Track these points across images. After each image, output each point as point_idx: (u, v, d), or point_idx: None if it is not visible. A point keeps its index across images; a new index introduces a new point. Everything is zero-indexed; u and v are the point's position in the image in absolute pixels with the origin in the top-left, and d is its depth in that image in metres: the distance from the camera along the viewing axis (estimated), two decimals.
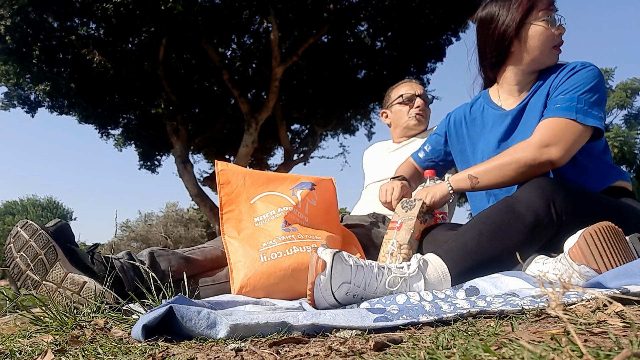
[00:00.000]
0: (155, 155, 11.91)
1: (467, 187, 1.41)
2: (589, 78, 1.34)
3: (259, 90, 10.43)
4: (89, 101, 9.54)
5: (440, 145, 1.76)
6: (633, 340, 0.48)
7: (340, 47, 9.88)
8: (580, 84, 1.34)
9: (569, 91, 1.34)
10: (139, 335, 0.77)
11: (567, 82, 1.36)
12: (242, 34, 9.83)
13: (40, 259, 1.22)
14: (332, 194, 1.64)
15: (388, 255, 1.38)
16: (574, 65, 1.39)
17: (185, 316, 0.78)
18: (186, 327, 0.78)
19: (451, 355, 0.52)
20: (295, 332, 0.79)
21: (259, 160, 12.31)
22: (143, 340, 0.77)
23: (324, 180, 1.64)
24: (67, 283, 1.22)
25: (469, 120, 1.64)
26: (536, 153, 1.29)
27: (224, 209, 1.49)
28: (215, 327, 0.78)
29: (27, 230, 1.25)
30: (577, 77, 1.36)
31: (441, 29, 9.63)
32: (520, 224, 1.13)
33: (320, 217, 1.54)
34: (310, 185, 1.57)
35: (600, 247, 1.01)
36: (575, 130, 1.29)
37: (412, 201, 1.46)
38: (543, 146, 1.29)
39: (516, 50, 1.44)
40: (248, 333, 0.78)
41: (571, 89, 1.34)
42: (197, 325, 0.78)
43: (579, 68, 1.37)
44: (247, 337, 0.78)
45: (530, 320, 0.75)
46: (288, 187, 1.56)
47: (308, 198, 1.54)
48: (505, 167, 1.32)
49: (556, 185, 1.16)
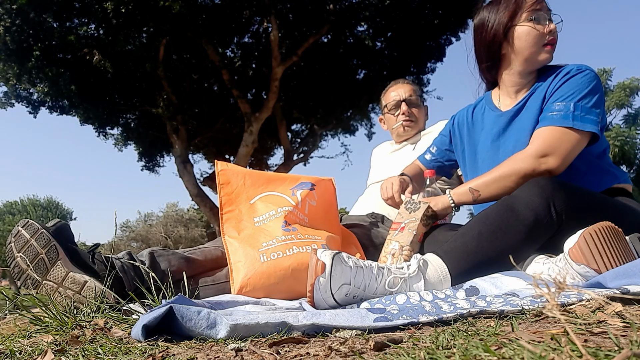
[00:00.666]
0: (155, 155, 11.91)
1: (469, 200, 1.42)
2: (584, 83, 1.35)
3: (259, 90, 10.43)
4: (89, 101, 9.54)
5: (445, 145, 1.79)
6: (633, 340, 0.48)
7: (340, 47, 9.88)
8: (575, 90, 1.34)
9: (564, 98, 1.35)
10: (139, 335, 0.77)
11: (563, 88, 1.36)
12: (242, 34, 9.83)
13: (41, 258, 1.22)
14: (332, 195, 1.64)
15: (389, 256, 1.38)
16: (569, 69, 1.39)
17: (185, 316, 0.78)
18: (186, 327, 0.78)
19: (451, 355, 0.52)
20: (295, 332, 0.79)
21: (259, 160, 12.32)
22: (143, 340, 0.77)
23: (324, 180, 1.64)
24: (67, 282, 1.22)
25: (471, 122, 1.66)
26: (534, 164, 1.31)
27: (224, 209, 1.49)
28: (215, 327, 0.78)
29: (28, 229, 1.25)
30: (573, 82, 1.36)
31: (441, 29, 9.63)
32: (520, 223, 1.14)
33: (320, 217, 1.54)
34: (310, 186, 1.57)
35: (600, 247, 1.01)
36: (571, 138, 1.31)
37: (417, 203, 1.47)
38: (540, 156, 1.31)
39: (507, 52, 1.47)
40: (248, 333, 0.78)
41: (567, 95, 1.35)
42: (197, 325, 0.78)
43: (574, 73, 1.37)
44: (247, 337, 0.78)
45: (530, 320, 0.75)
46: (288, 187, 1.56)
47: (308, 198, 1.54)
48: (505, 178, 1.34)
49: (556, 185, 1.16)
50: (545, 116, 1.36)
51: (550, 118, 1.34)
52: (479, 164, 1.59)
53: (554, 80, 1.40)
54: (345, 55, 9.98)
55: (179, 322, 0.79)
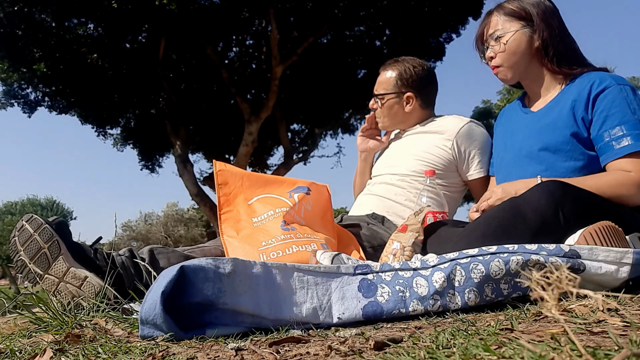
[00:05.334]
0: (155, 154, 11.91)
1: None
2: (627, 98, 1.34)
3: (258, 90, 10.43)
4: (88, 101, 9.54)
5: None
6: (633, 340, 0.48)
7: (339, 47, 9.88)
8: (626, 108, 1.32)
9: (623, 121, 1.32)
10: (156, 305, 0.76)
11: (611, 109, 1.33)
12: (242, 33, 9.83)
13: (43, 252, 1.24)
14: (326, 200, 1.64)
15: (390, 256, 1.38)
16: (599, 85, 1.37)
17: (196, 269, 0.81)
18: (199, 279, 0.80)
19: (451, 355, 0.52)
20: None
21: (259, 160, 12.32)
22: (161, 312, 0.76)
23: (319, 186, 1.64)
24: (68, 277, 1.24)
25: (504, 121, 1.70)
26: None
27: (223, 209, 1.49)
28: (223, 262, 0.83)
29: (32, 224, 1.27)
30: (616, 100, 1.34)
31: (441, 27, 9.63)
32: (526, 226, 1.12)
33: (316, 222, 1.55)
34: (306, 190, 1.58)
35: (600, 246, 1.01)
36: None
37: (421, 205, 1.47)
38: None
39: None
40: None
41: (621, 115, 1.32)
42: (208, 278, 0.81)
43: (609, 89, 1.35)
44: (248, 336, 0.78)
45: (530, 320, 0.75)
46: (285, 190, 1.56)
47: (304, 202, 1.55)
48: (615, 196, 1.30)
49: (566, 190, 1.15)
50: (620, 147, 1.33)
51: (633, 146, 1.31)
52: (504, 162, 1.61)
53: (583, 91, 1.39)
54: (344, 54, 9.98)
55: (190, 282, 0.80)
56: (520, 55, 1.49)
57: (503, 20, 1.50)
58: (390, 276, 0.90)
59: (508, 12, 1.49)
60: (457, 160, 1.82)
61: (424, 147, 1.87)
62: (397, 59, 1.99)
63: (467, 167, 1.83)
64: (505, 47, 1.48)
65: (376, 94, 1.98)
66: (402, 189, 1.84)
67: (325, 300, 0.87)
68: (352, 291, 0.88)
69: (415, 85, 1.92)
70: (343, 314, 0.86)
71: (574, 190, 1.17)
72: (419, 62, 1.97)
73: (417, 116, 1.96)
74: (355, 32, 9.93)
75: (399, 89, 1.93)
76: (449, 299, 0.89)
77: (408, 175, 1.85)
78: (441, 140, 1.84)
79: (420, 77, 1.93)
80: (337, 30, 9.61)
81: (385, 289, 0.89)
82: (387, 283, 0.90)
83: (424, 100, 1.95)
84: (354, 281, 0.89)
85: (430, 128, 1.92)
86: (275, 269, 0.88)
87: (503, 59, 1.50)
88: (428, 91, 1.96)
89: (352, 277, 0.90)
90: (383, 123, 2.01)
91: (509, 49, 1.48)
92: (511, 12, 1.49)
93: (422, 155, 1.85)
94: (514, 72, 1.52)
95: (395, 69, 1.95)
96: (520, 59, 1.49)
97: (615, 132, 1.32)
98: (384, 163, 2.01)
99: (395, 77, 1.93)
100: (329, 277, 0.89)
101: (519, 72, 1.53)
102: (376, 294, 0.88)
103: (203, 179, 11.59)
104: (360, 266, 0.92)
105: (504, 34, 1.48)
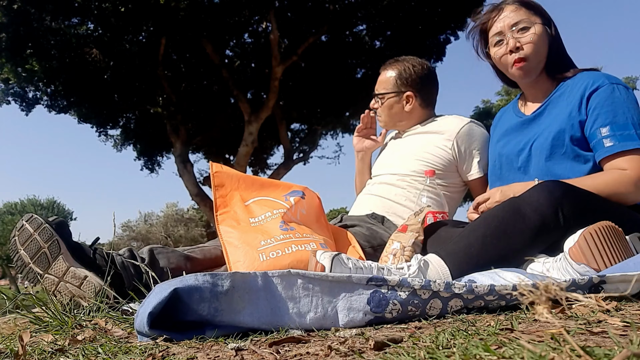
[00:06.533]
0: (155, 154, 11.91)
1: None
2: (620, 97, 1.34)
3: (258, 89, 10.42)
4: (88, 100, 9.54)
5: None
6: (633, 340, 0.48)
7: (339, 47, 9.87)
8: (617, 108, 1.33)
9: (613, 121, 1.32)
10: (144, 324, 0.76)
11: (603, 107, 1.34)
12: (242, 33, 9.82)
13: (43, 252, 1.24)
14: (318, 207, 1.64)
15: (391, 256, 1.38)
16: (593, 85, 1.37)
17: (191, 288, 0.79)
18: (194, 300, 0.79)
19: (451, 355, 0.52)
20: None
21: (259, 160, 12.32)
22: (148, 329, 0.76)
23: (311, 192, 1.65)
24: (68, 277, 1.24)
25: (499, 124, 1.71)
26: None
27: (219, 210, 1.49)
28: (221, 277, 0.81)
29: (32, 223, 1.27)
30: (609, 99, 1.34)
31: (440, 27, 9.62)
32: (526, 226, 1.12)
33: (312, 225, 1.55)
34: (301, 194, 1.58)
35: (600, 246, 1.01)
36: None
37: (422, 205, 1.47)
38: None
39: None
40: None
41: (612, 114, 1.33)
42: (203, 292, 0.79)
43: (602, 88, 1.35)
44: (248, 336, 0.78)
45: (530, 320, 0.75)
46: (281, 194, 1.57)
47: (299, 205, 1.55)
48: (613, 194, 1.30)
49: (565, 189, 1.15)
50: (614, 144, 1.33)
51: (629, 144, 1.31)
52: (500, 166, 1.61)
53: (578, 92, 1.39)
54: (344, 54, 9.97)
55: (184, 303, 0.79)
56: (545, 49, 1.45)
57: (525, 12, 1.45)
58: (407, 294, 0.85)
59: (528, 5, 1.45)
60: (457, 160, 1.82)
61: (424, 147, 1.87)
62: (398, 58, 1.99)
63: (467, 167, 1.83)
64: (535, 37, 1.42)
65: (376, 93, 1.98)
66: (402, 189, 1.84)
67: (330, 309, 0.85)
68: (360, 303, 0.85)
69: (414, 84, 1.92)
70: (346, 325, 0.85)
71: (574, 190, 1.17)
72: (419, 62, 1.97)
73: (417, 115, 1.95)
74: (355, 32, 9.93)
75: (398, 88, 1.93)
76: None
77: (408, 175, 1.84)
78: (441, 140, 1.83)
79: (420, 77, 1.93)
80: (337, 30, 9.60)
81: (397, 307, 0.85)
82: (401, 301, 0.85)
83: (424, 99, 1.94)
84: (365, 292, 0.85)
85: (431, 128, 1.91)
86: (277, 278, 0.85)
87: (532, 50, 1.43)
88: (428, 90, 1.96)
89: (364, 288, 0.86)
90: (383, 122, 2.01)
91: (538, 40, 1.42)
92: (531, 6, 1.45)
93: (422, 155, 1.85)
94: (538, 66, 1.46)
95: (395, 68, 1.95)
96: (544, 53, 1.45)
97: (605, 131, 1.33)
98: (384, 163, 2.01)
99: (395, 76, 1.93)
100: (338, 286, 0.86)
101: (540, 67, 1.47)
102: (385, 310, 0.84)
103: (203, 179, 11.58)
104: (375, 278, 0.87)
105: (532, 25, 1.43)
